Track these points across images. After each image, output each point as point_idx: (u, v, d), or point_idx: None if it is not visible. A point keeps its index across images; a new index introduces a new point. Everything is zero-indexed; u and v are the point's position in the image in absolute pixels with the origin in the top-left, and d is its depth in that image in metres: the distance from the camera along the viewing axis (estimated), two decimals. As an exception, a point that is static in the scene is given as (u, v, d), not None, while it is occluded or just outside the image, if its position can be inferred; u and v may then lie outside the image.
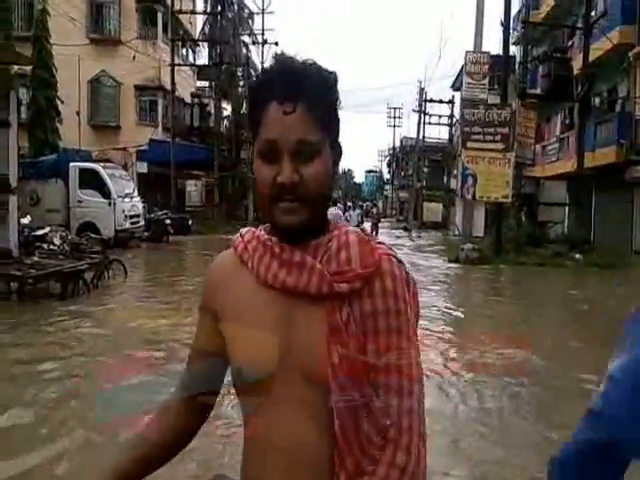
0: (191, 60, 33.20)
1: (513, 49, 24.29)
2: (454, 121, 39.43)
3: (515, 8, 23.10)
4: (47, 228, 12.92)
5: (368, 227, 29.96)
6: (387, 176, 73.92)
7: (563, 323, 9.29)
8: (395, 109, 60.33)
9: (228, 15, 31.83)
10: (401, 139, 58.78)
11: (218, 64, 29.98)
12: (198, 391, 1.16)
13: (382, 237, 27.87)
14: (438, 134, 45.86)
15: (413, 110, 45.29)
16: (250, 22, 35.13)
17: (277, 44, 31.31)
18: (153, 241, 19.46)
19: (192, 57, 33.63)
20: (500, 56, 19.92)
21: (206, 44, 32.15)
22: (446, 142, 42.64)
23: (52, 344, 6.70)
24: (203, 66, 32.08)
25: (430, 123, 43.64)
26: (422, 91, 43.61)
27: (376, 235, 28.12)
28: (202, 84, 34.67)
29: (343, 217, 18.37)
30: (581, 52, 19.42)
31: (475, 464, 3.86)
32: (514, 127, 18.38)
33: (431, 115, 43.48)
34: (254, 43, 34.35)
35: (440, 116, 43.58)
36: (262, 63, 31.06)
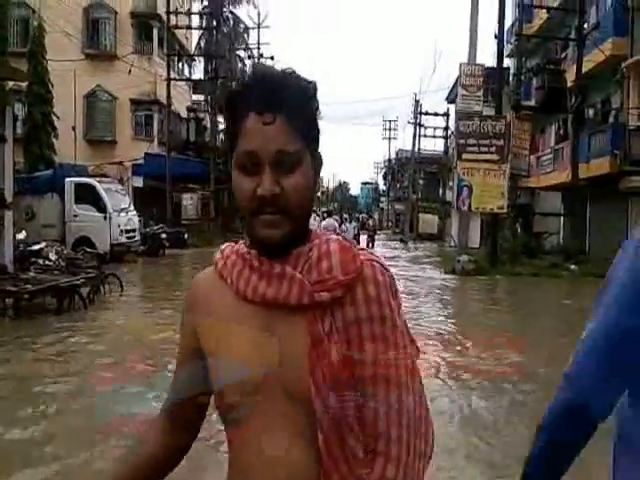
0: (187, 74, 33.35)
1: (507, 61, 24.51)
2: (449, 133, 39.63)
3: (509, 21, 23.34)
4: (43, 243, 12.88)
5: (364, 239, 30.03)
6: (383, 188, 74.09)
7: (559, 332, 9.28)
8: (390, 121, 61.00)
9: (224, 30, 32.04)
10: (397, 151, 58.98)
11: (214, 78, 30.10)
12: (182, 410, 1.14)
13: (378, 249, 27.90)
14: (433, 146, 46.00)
15: (408, 122, 45.60)
16: (246, 36, 35.39)
17: (273, 58, 31.52)
18: (149, 255, 19.42)
19: (188, 71, 33.81)
20: (494, 68, 20.07)
21: (202, 58, 32.36)
22: (441, 154, 42.80)
23: (49, 360, 6.67)
24: (199, 80, 32.22)
25: (425, 135, 43.96)
26: (417, 103, 43.91)
27: (372, 247, 28.13)
28: (198, 98, 34.82)
29: (339, 229, 18.35)
30: (574, 64, 19.60)
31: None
32: (509, 139, 18.50)
33: (426, 127, 43.77)
34: (250, 57, 34.58)
35: (435, 128, 43.87)
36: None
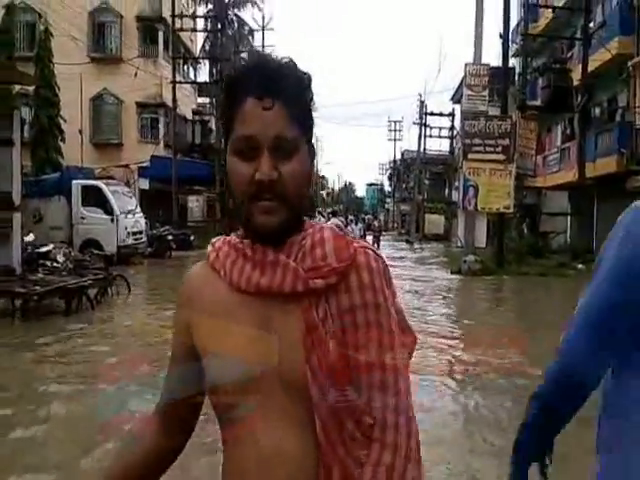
0: (192, 77, 33.45)
1: (512, 61, 24.43)
2: (455, 133, 39.58)
3: (514, 21, 23.26)
4: (50, 245, 12.96)
5: (369, 240, 30.06)
6: (388, 189, 74.06)
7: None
8: (395, 122, 60.34)
9: (228, 32, 32.12)
10: (402, 152, 58.89)
11: (219, 81, 30.17)
12: (176, 409, 1.12)
13: (384, 250, 27.88)
14: (439, 146, 45.85)
15: (414, 123, 45.50)
16: (250, 39, 35.47)
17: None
18: (156, 257, 19.47)
19: (193, 74, 33.90)
20: (500, 68, 20.03)
21: (207, 61, 32.45)
22: (447, 154, 42.74)
23: (57, 362, 6.70)
24: (204, 83, 32.29)
25: (431, 136, 43.77)
26: (422, 104, 43.88)
27: (378, 248, 28.12)
28: (203, 101, 34.92)
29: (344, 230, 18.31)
30: (580, 63, 19.55)
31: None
32: (515, 138, 18.45)
33: (432, 128, 43.59)
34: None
35: (440, 128, 43.70)
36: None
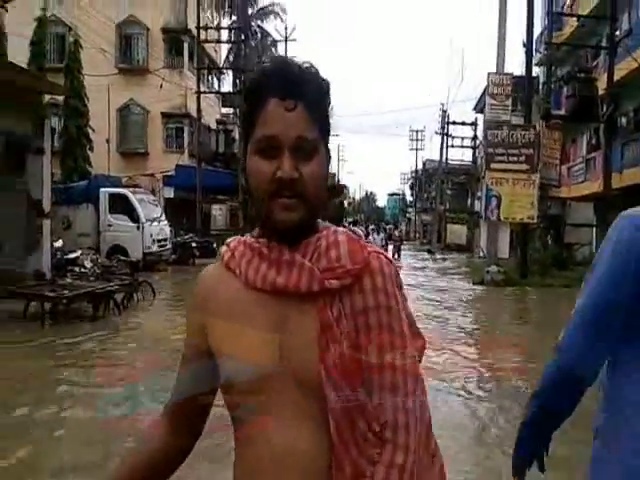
0: (216, 87, 33.83)
1: (536, 70, 24.29)
2: (477, 143, 39.40)
3: (537, 30, 23.16)
4: (78, 251, 13.25)
5: (390, 249, 29.92)
6: (410, 199, 73.80)
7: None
8: (417, 132, 60.13)
9: (252, 43, 32.54)
10: (424, 162, 58.63)
11: (242, 91, 30.48)
12: (185, 410, 1.13)
13: (405, 260, 27.81)
14: (461, 156, 45.52)
15: (436, 132, 45.31)
16: (273, 50, 35.80)
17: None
18: (180, 264, 19.70)
19: (217, 85, 34.31)
20: (523, 77, 19.95)
21: (231, 72, 32.86)
22: (469, 164, 42.50)
23: (82, 365, 6.85)
24: (228, 93, 32.66)
25: (453, 145, 43.55)
26: (444, 113, 43.76)
27: (399, 257, 28.01)
28: (227, 111, 35.30)
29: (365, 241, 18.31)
30: (606, 72, 19.36)
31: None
32: (538, 148, 18.33)
33: (454, 137, 43.39)
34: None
35: (463, 138, 43.48)
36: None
